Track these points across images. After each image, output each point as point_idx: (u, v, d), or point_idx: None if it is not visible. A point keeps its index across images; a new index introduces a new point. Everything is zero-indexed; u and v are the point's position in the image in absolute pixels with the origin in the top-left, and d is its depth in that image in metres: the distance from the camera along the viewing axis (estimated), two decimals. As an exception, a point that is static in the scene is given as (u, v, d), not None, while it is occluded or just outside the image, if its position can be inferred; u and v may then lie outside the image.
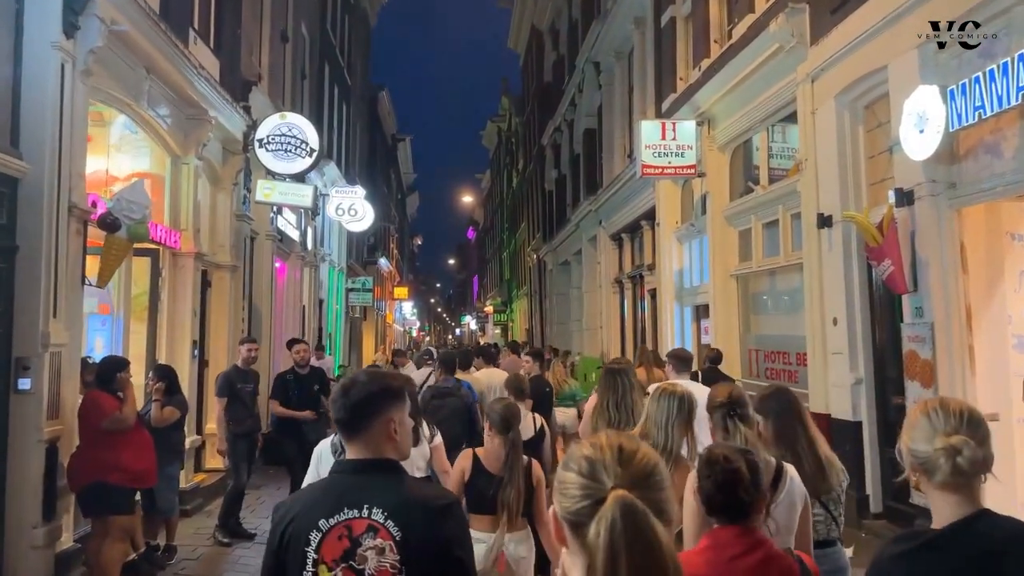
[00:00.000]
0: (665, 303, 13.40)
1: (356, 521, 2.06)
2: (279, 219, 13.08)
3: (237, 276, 10.66)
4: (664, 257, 13.44)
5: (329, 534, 2.06)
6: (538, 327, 31.39)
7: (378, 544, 2.04)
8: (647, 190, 14.56)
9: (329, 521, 2.07)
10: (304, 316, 16.10)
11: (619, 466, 1.32)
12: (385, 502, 2.07)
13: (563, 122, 24.75)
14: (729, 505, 2.31)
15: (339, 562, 2.04)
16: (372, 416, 2.16)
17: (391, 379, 2.29)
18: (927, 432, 1.92)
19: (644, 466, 1.33)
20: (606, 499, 1.26)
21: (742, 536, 2.29)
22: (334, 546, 2.05)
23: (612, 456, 1.33)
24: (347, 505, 2.07)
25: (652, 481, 1.32)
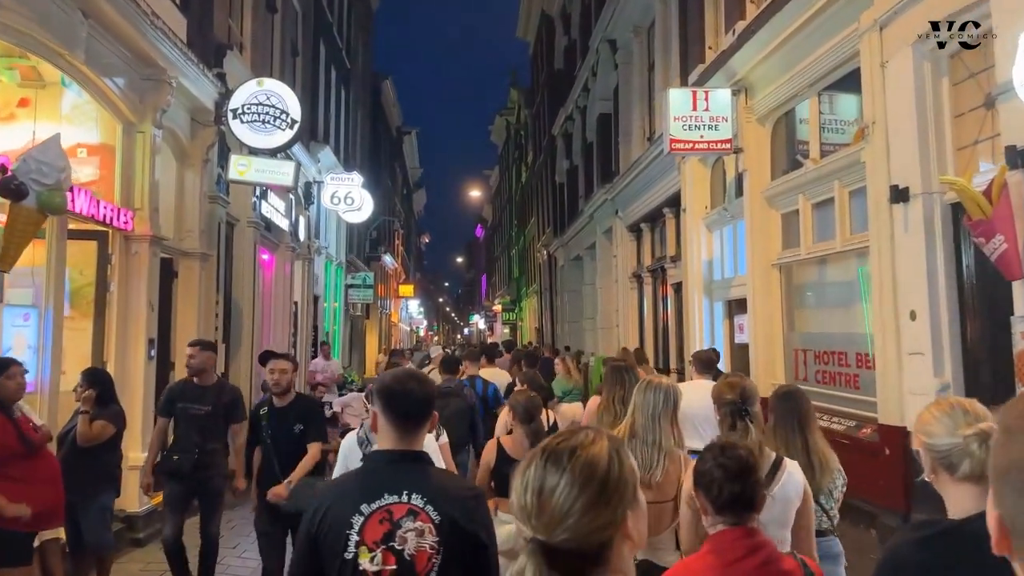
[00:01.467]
0: (692, 298, 12.04)
1: (396, 505, 2.21)
2: (263, 205, 11.78)
3: (209, 266, 9.35)
4: (691, 247, 12.07)
5: (371, 518, 2.19)
6: (548, 326, 30.16)
7: (418, 527, 2.18)
8: (670, 174, 13.22)
9: (371, 506, 2.20)
10: (296, 314, 14.81)
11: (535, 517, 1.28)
12: (423, 488, 2.24)
13: (575, 109, 23.52)
14: (739, 498, 2.31)
15: (379, 543, 2.16)
16: (429, 415, 2.42)
17: (430, 381, 2.55)
18: (948, 425, 1.96)
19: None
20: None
21: (743, 538, 2.29)
22: (375, 529, 2.18)
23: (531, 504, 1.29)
24: (387, 491, 2.22)
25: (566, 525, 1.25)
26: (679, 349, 13.65)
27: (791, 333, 9.55)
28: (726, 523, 2.34)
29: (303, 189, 15.27)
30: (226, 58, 9.64)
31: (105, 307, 7.32)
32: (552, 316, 29.28)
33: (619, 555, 1.30)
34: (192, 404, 5.91)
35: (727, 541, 2.30)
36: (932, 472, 2.02)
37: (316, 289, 17.08)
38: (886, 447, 6.90)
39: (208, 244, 9.28)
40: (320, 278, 17.57)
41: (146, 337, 7.57)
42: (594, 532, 1.26)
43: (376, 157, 28.49)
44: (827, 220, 8.62)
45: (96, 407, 5.56)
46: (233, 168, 9.33)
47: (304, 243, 15.22)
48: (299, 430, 5.27)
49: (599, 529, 1.26)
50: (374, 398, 2.43)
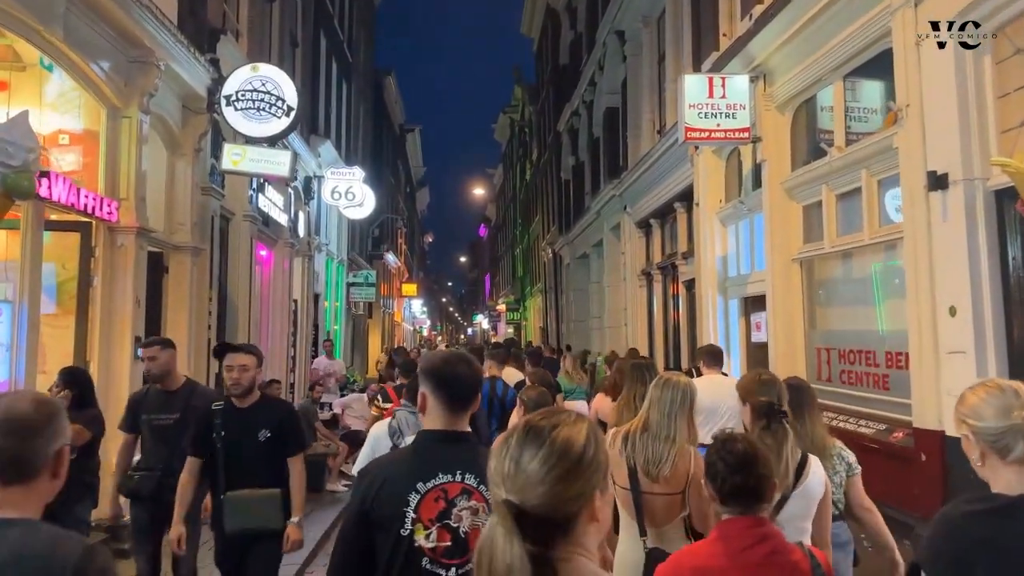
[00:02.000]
0: (706, 295, 11.58)
1: (451, 485, 2.28)
2: (260, 198, 11.35)
3: (202, 261, 8.92)
4: (704, 242, 11.61)
5: (426, 496, 2.25)
6: (553, 325, 29.74)
7: (472, 505, 2.26)
8: (682, 167, 12.77)
9: (426, 484, 2.26)
10: (296, 312, 14.37)
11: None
12: (475, 468, 2.27)
13: (581, 104, 23.09)
14: (742, 489, 2.37)
15: (435, 521, 2.23)
16: (476, 396, 2.49)
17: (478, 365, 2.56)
18: (999, 407, 1.96)
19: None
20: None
21: (752, 528, 2.34)
22: (431, 507, 2.25)
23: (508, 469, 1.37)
24: (441, 471, 2.29)
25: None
26: (691, 348, 13.19)
27: (812, 331, 9.08)
28: (732, 513, 2.42)
29: (303, 184, 14.83)
30: (220, 43, 9.20)
31: (88, 303, 6.87)
32: (557, 315, 28.86)
33: (584, 531, 1.37)
34: (157, 414, 5.14)
35: (734, 529, 2.37)
36: (981, 458, 2.02)
37: (316, 287, 16.64)
38: (922, 452, 6.42)
39: (201, 238, 8.85)
40: (321, 276, 17.15)
41: (132, 335, 7.13)
42: (564, 502, 1.33)
43: (378, 154, 28.07)
44: (853, 211, 8.15)
45: (73, 410, 5.11)
46: (226, 158, 8.89)
47: (304, 239, 14.78)
48: (266, 438, 4.35)
49: (569, 500, 1.33)
50: (422, 379, 2.46)
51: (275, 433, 4.41)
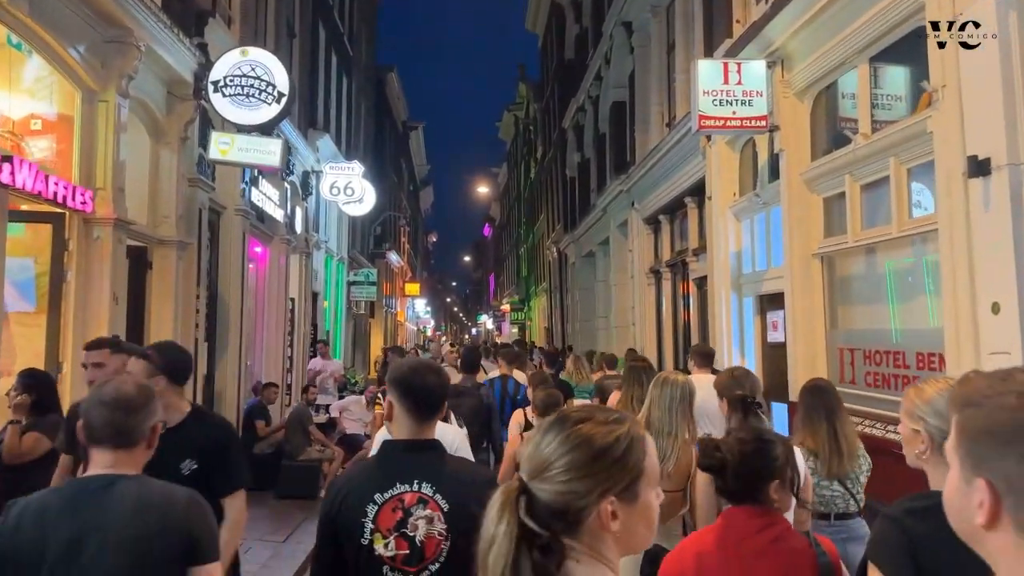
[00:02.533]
0: (718, 294, 11.08)
1: (408, 494, 2.31)
2: (254, 192, 10.88)
3: (188, 256, 8.45)
4: (717, 238, 11.11)
5: (384, 507, 2.30)
6: (558, 325, 29.31)
7: (427, 514, 2.29)
8: (693, 160, 12.28)
9: (384, 495, 2.31)
10: (293, 312, 13.90)
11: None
12: (433, 477, 2.33)
13: (587, 100, 22.61)
14: (746, 482, 2.46)
15: (392, 531, 2.28)
16: (442, 405, 2.51)
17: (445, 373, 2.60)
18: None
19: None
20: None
21: (755, 516, 2.41)
22: (388, 517, 2.29)
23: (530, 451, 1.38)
24: (399, 480, 2.33)
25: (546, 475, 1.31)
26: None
27: (834, 331, 8.58)
28: (736, 503, 2.49)
29: (300, 179, 14.37)
30: (208, 27, 8.74)
31: (61, 299, 6.40)
32: (562, 315, 28.43)
33: (595, 536, 1.30)
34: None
35: (737, 518, 2.44)
36: (926, 452, 2.08)
37: (315, 286, 16.18)
38: (960, 462, 5.92)
39: (187, 232, 8.39)
40: (319, 274, 16.68)
41: (109, 334, 6.65)
42: (567, 493, 1.29)
43: (380, 151, 27.62)
44: (879, 203, 7.65)
45: (32, 416, 4.65)
46: (213, 146, 8.41)
47: (301, 236, 14.32)
48: (191, 471, 3.27)
49: (573, 493, 1.29)
50: (389, 388, 2.48)
51: (204, 464, 3.32)
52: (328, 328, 17.96)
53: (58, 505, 2.18)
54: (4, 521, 2.17)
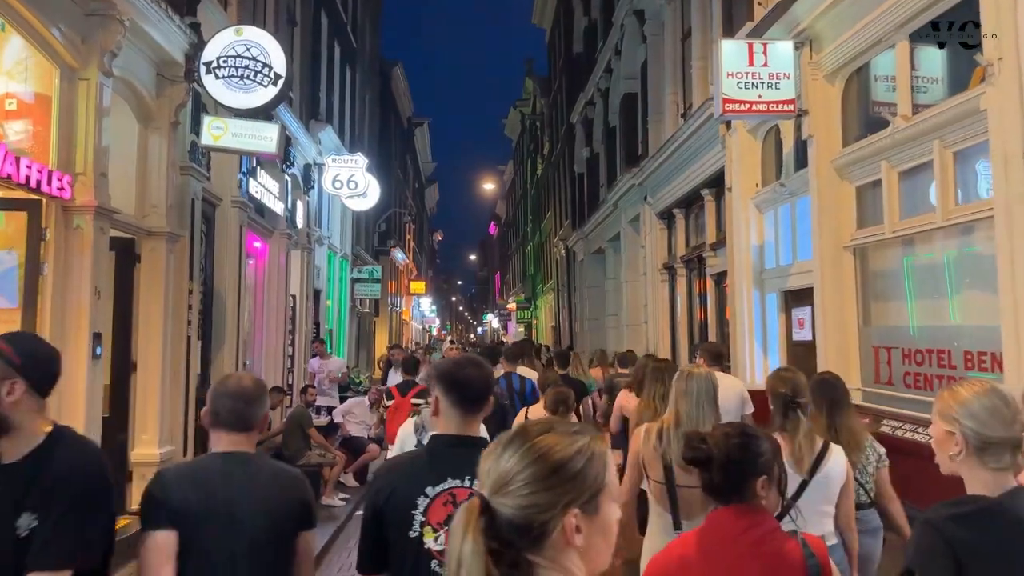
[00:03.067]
0: (739, 289, 10.54)
1: (459, 490, 2.31)
2: (252, 183, 10.39)
3: (180, 249, 7.95)
4: (738, 231, 10.57)
5: (435, 500, 2.30)
6: (566, 324, 28.81)
7: None
8: (711, 149, 11.75)
9: (435, 488, 2.31)
10: (294, 309, 13.39)
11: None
12: None
13: (596, 93, 22.12)
14: (727, 482, 2.39)
15: (443, 525, 2.26)
16: (487, 399, 2.50)
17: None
18: (1000, 418, 2.03)
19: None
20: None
21: (740, 516, 2.34)
22: (439, 511, 2.29)
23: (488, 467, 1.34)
24: (450, 475, 2.33)
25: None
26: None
27: (867, 328, 8.04)
28: (721, 503, 2.41)
29: (301, 172, 13.87)
30: (201, 5, 8.22)
31: (37, 293, 5.89)
32: (570, 314, 27.92)
33: (560, 551, 1.28)
34: None
35: (719, 520, 2.38)
36: (960, 455, 2.08)
37: (317, 283, 15.68)
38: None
39: (178, 223, 7.88)
40: (322, 271, 16.18)
41: (90, 331, 6.16)
42: (529, 507, 1.26)
43: (385, 146, 27.13)
44: (919, 190, 7.12)
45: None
46: (206, 131, 7.90)
47: (302, 231, 13.82)
48: (29, 530, 2.25)
49: (535, 507, 1.26)
50: (434, 384, 2.49)
51: (46, 521, 2.26)
52: (331, 327, 17.46)
53: (215, 474, 2.57)
54: (162, 483, 2.54)
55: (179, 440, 7.93)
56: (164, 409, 7.53)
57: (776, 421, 3.73)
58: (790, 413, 3.64)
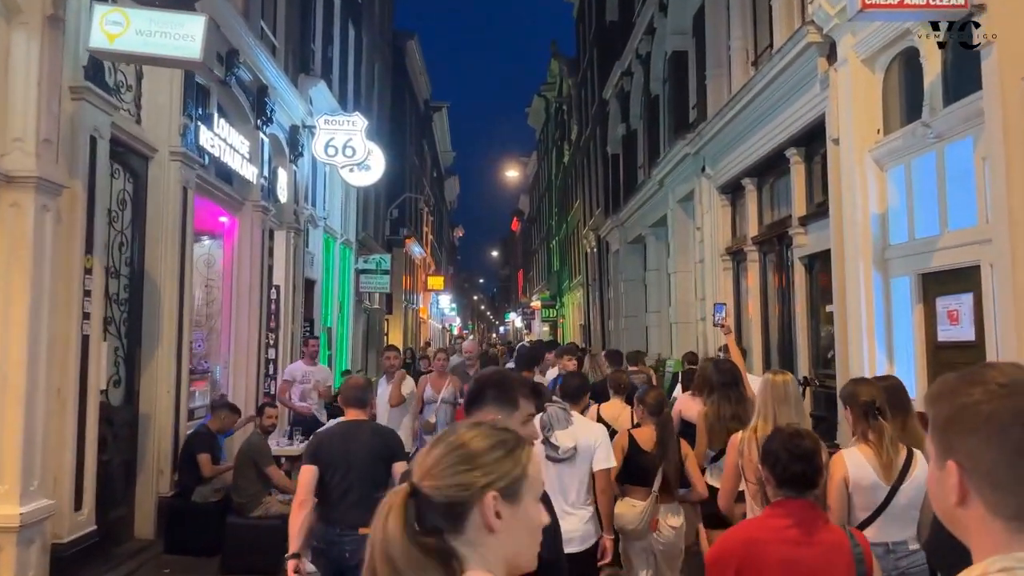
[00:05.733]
0: (850, 273, 7.88)
1: None
2: (204, 133, 7.87)
3: (67, 207, 5.43)
4: (850, 196, 7.91)
5: None
6: (596, 322, 26.26)
7: None
8: (801, 96, 9.15)
9: None
10: (277, 302, 10.86)
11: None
12: None
13: (634, 60, 19.58)
14: (799, 477, 2.68)
15: None
16: (479, 407, 2.51)
17: (507, 381, 2.65)
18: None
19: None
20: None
21: (800, 509, 2.64)
22: None
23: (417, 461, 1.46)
24: None
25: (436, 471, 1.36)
26: (814, 350, 9.49)
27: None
28: (786, 495, 2.70)
29: (287, 135, 11.34)
30: None
31: None
32: (602, 311, 25.40)
33: (480, 535, 1.32)
34: None
35: (784, 509, 2.67)
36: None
37: (310, 271, 13.15)
38: None
39: (63, 169, 5.36)
40: (317, 258, 13.64)
41: None
42: (452, 486, 1.32)
43: (399, 125, 24.64)
44: None
45: None
46: (99, 29, 5.27)
47: (287, 207, 11.30)
48: None
49: (458, 485, 1.32)
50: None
51: None
52: (329, 324, 14.91)
53: (341, 433, 4.33)
54: (315, 439, 4.46)
55: (66, 490, 5.40)
56: (33, 444, 5.01)
57: (858, 429, 3.77)
58: (872, 420, 3.67)
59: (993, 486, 1.12)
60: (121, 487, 6.63)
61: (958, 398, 1.17)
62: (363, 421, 4.45)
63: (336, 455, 4.13)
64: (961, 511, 1.15)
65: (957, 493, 1.14)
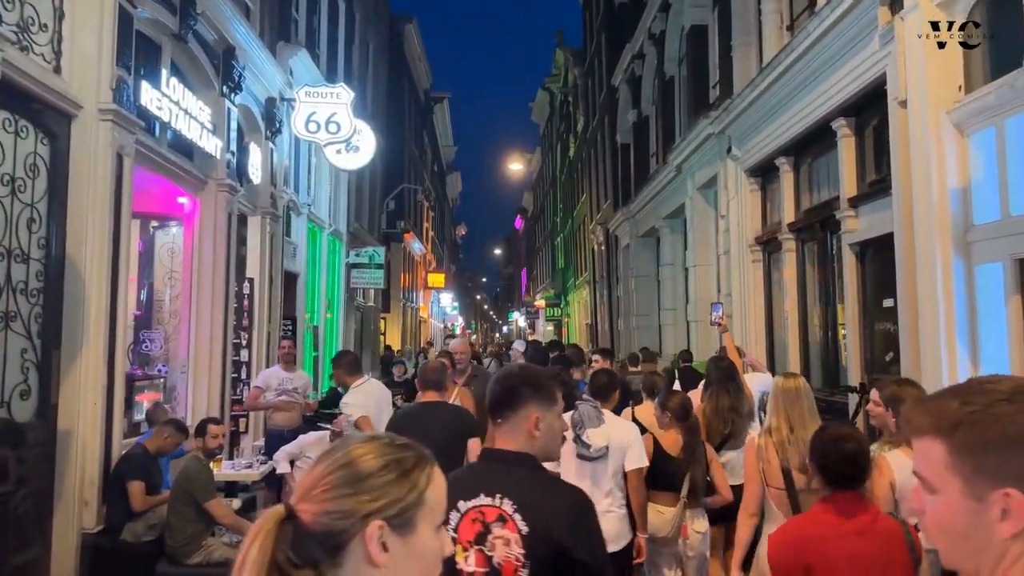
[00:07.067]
0: (927, 260, 6.57)
1: (488, 508, 2.15)
2: (146, 90, 6.57)
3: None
4: (923, 168, 6.59)
5: (465, 516, 2.16)
6: (604, 322, 25.00)
7: (504, 535, 2.11)
8: (852, 57, 7.90)
9: (467, 503, 2.17)
10: (250, 297, 9.56)
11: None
12: (517, 494, 2.14)
13: (646, 41, 18.38)
14: (849, 474, 2.77)
15: (472, 544, 2.13)
16: (506, 411, 2.27)
17: (540, 376, 2.41)
18: None
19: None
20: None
21: (852, 502, 2.71)
22: (468, 528, 2.14)
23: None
24: (483, 491, 2.17)
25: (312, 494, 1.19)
26: (872, 350, 8.15)
27: None
28: (834, 489, 2.77)
29: (262, 108, 10.05)
30: None
31: None
32: (610, 310, 24.15)
33: (361, 570, 1.16)
34: None
35: (837, 504, 2.73)
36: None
37: (293, 264, 11.84)
38: None
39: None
40: (300, 249, 12.31)
41: None
42: (329, 513, 1.16)
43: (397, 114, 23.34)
44: None
45: None
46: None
47: (263, 189, 10.00)
48: None
49: (335, 513, 1.16)
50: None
51: None
52: (316, 323, 13.60)
53: (419, 412, 4.73)
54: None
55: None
56: None
57: (902, 432, 3.62)
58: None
59: None
60: (32, 523, 5.33)
61: (992, 420, 1.09)
62: (440, 402, 4.91)
63: (413, 430, 4.10)
64: (1010, 543, 1.07)
65: (1016, 523, 1.05)
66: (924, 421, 1.16)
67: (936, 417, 1.14)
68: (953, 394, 1.16)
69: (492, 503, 2.14)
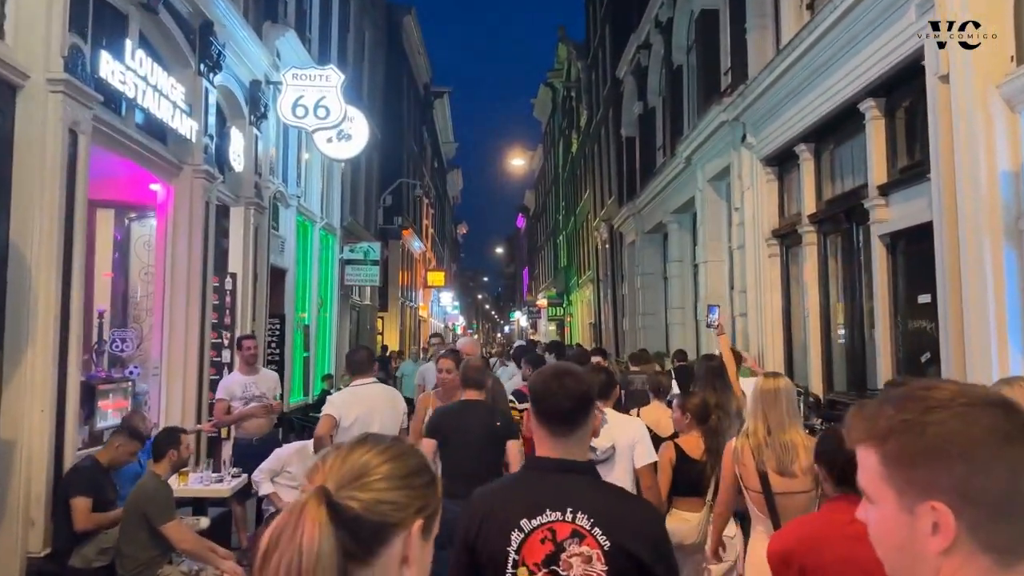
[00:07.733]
0: (973, 251, 5.92)
1: (559, 524, 2.01)
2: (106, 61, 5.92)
3: None
4: (969, 149, 5.95)
5: (531, 536, 2.01)
6: (609, 321, 24.43)
7: (584, 552, 1.99)
8: (885, 29, 7.25)
9: (532, 522, 2.02)
10: (231, 294, 8.90)
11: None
12: (591, 507, 2.01)
13: (653, 30, 17.79)
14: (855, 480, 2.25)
15: (541, 566, 1.99)
16: (578, 419, 2.12)
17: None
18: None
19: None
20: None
21: (857, 503, 2.24)
22: (537, 549, 2.00)
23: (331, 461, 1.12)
24: (549, 506, 2.02)
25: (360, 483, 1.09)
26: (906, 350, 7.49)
27: None
28: (844, 492, 2.67)
29: (246, 91, 9.40)
30: None
31: None
32: (614, 309, 23.55)
33: (391, 563, 1.08)
34: None
35: (843, 506, 2.58)
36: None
37: (281, 259, 11.19)
38: None
39: None
40: (289, 243, 11.66)
41: None
42: (386, 503, 1.08)
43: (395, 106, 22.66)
44: None
45: None
46: None
47: (246, 178, 9.36)
48: None
49: (392, 504, 1.09)
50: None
51: None
52: (307, 322, 12.95)
53: (459, 411, 4.78)
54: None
55: None
56: None
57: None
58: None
59: (991, 517, 0.98)
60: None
61: (926, 427, 1.03)
62: (480, 401, 4.91)
63: (453, 427, 4.61)
64: (942, 559, 1.00)
65: (946, 538, 0.99)
66: (860, 428, 1.13)
67: (870, 424, 1.10)
68: (890, 400, 1.10)
69: (563, 519, 2.00)
